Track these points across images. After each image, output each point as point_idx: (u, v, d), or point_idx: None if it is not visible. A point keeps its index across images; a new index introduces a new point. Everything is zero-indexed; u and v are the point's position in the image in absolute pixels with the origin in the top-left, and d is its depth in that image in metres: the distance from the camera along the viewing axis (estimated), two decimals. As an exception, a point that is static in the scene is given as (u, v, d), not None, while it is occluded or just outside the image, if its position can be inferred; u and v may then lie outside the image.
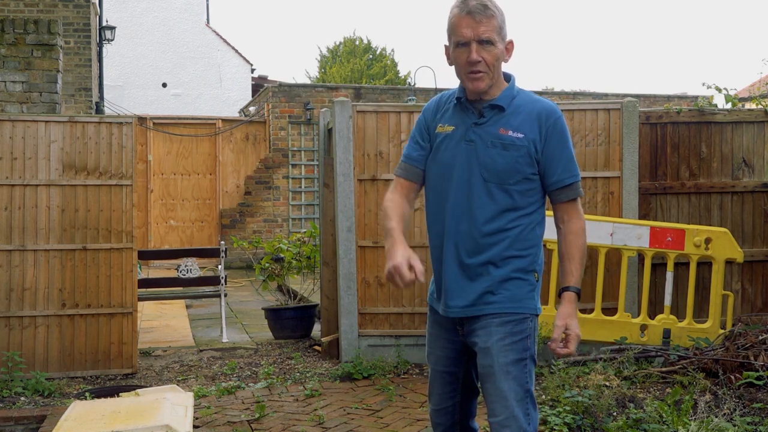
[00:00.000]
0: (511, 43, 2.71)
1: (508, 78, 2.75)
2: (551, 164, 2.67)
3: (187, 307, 10.02)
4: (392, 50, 35.27)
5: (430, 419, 2.93)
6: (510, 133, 2.64)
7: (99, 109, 13.88)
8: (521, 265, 2.67)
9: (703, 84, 8.39)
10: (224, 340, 7.72)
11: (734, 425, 4.27)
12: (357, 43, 29.89)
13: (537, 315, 2.72)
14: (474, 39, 2.60)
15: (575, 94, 17.26)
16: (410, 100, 14.95)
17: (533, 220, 2.70)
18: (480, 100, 2.70)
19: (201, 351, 7.26)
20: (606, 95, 16.18)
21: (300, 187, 14.95)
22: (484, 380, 2.67)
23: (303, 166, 14.90)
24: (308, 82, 28.17)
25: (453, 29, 2.64)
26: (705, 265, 6.28)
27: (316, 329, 7.86)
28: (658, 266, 6.34)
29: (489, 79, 2.65)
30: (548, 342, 2.68)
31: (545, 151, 2.66)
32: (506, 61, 2.71)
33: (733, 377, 5.17)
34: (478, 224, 2.65)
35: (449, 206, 2.71)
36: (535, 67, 58.07)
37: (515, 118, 2.66)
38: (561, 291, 2.70)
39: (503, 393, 2.61)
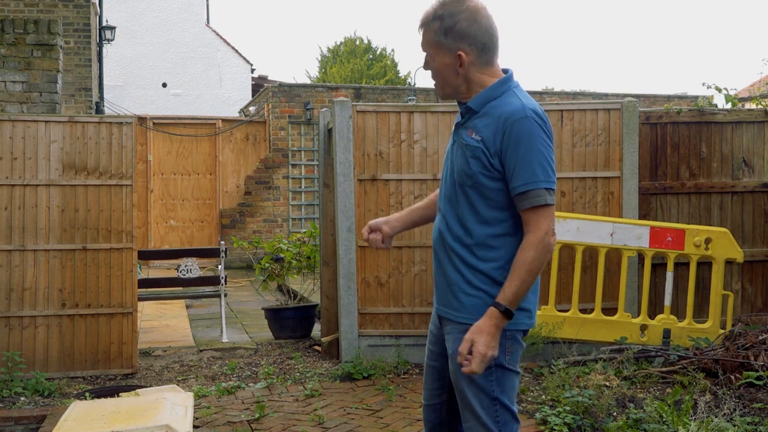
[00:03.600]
0: (459, 56, 2.59)
1: (505, 72, 2.68)
2: (509, 171, 2.53)
3: (187, 307, 10.02)
4: (392, 50, 35.29)
5: (422, 416, 2.94)
6: (473, 135, 2.59)
7: (99, 109, 13.88)
8: (484, 275, 2.59)
9: (703, 84, 8.39)
10: (224, 340, 7.72)
11: (734, 425, 4.27)
12: (357, 43, 29.90)
13: (503, 330, 2.54)
14: (422, 50, 2.69)
15: (575, 94, 17.26)
16: (410, 100, 14.95)
17: (500, 228, 2.59)
18: (463, 102, 2.69)
19: (201, 351, 7.26)
20: (606, 95, 16.18)
21: (300, 187, 14.95)
22: (454, 386, 2.67)
23: (303, 166, 14.90)
24: (308, 82, 28.18)
25: None
26: (705, 265, 6.28)
27: (316, 329, 7.86)
28: (658, 266, 6.34)
29: (441, 88, 2.69)
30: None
31: (503, 156, 2.53)
32: (459, 72, 2.61)
33: (733, 377, 5.17)
34: (449, 226, 2.67)
35: (438, 206, 2.78)
36: (535, 67, 58.05)
37: (483, 120, 2.59)
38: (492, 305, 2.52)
39: (468, 400, 2.59)
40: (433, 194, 3.03)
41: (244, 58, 22.92)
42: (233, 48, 22.84)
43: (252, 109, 16.55)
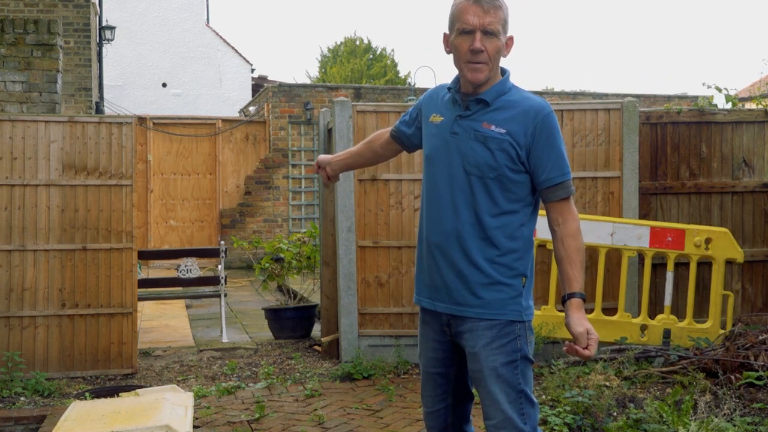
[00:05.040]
0: (511, 39, 2.67)
1: (503, 73, 2.71)
2: (540, 162, 2.61)
3: (187, 307, 10.02)
4: (392, 50, 35.31)
5: (424, 422, 2.91)
6: (493, 128, 2.60)
7: (99, 109, 13.88)
8: (505, 267, 2.62)
9: (703, 84, 8.39)
10: (224, 340, 7.72)
11: (734, 425, 4.27)
12: (357, 43, 29.90)
13: (524, 321, 2.65)
14: (479, 28, 2.57)
15: (575, 94, 17.26)
16: (410, 100, 14.95)
17: (518, 219, 2.64)
18: (469, 93, 2.67)
19: (201, 351, 7.26)
20: (606, 95, 16.18)
21: (300, 187, 14.95)
22: (476, 384, 2.67)
23: (303, 166, 14.90)
24: (308, 82, 28.18)
25: (458, 16, 2.60)
26: (705, 265, 6.28)
27: (316, 329, 7.86)
28: (658, 266, 6.33)
29: (488, 70, 2.61)
30: (567, 345, 2.60)
31: (534, 149, 2.60)
32: (505, 56, 2.67)
33: (733, 377, 5.16)
34: (461, 220, 2.63)
35: (434, 201, 2.72)
36: (535, 67, 58.07)
37: (501, 113, 2.62)
38: (567, 297, 2.61)
39: (494, 396, 2.59)
40: (369, 138, 3.15)
41: (244, 58, 22.91)
42: (233, 48, 22.83)
43: (252, 109, 16.55)
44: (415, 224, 6.45)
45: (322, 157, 3.20)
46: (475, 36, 2.57)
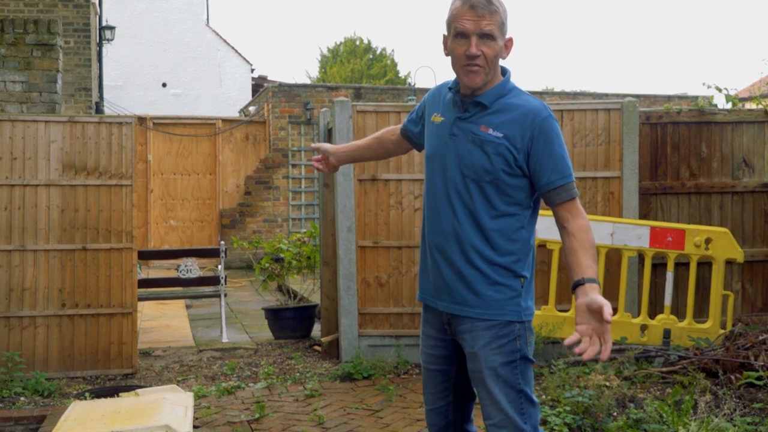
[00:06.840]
0: (510, 40, 2.65)
1: (504, 72, 2.69)
2: (540, 166, 2.58)
3: (187, 307, 10.01)
4: (392, 50, 35.34)
5: (426, 420, 2.92)
6: (490, 131, 2.59)
7: (99, 109, 13.88)
8: (504, 268, 2.62)
9: (703, 84, 8.39)
10: (224, 340, 7.72)
11: (734, 425, 4.27)
12: (357, 43, 29.91)
13: (523, 321, 2.63)
14: (475, 32, 2.54)
15: (575, 94, 17.25)
16: (410, 100, 14.95)
17: (517, 222, 2.63)
18: (468, 95, 2.65)
19: (201, 351, 7.26)
20: (606, 95, 16.18)
21: (300, 187, 14.95)
22: (475, 385, 2.67)
23: (303, 166, 14.90)
24: (308, 82, 28.18)
25: (454, 19, 2.58)
26: (705, 265, 6.28)
27: (316, 329, 7.86)
28: (659, 266, 6.33)
29: (485, 74, 2.59)
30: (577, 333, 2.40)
31: (532, 153, 2.58)
32: (504, 58, 2.65)
33: (733, 377, 5.17)
34: (459, 221, 2.63)
35: (434, 201, 2.72)
36: (535, 67, 58.07)
37: (499, 117, 2.61)
38: (583, 282, 2.46)
39: (494, 396, 2.60)
40: (379, 133, 3.16)
41: (244, 58, 22.91)
42: (233, 48, 22.83)
43: (252, 109, 16.55)
44: (415, 224, 6.45)
45: (326, 145, 3.22)
46: (471, 41, 2.55)
